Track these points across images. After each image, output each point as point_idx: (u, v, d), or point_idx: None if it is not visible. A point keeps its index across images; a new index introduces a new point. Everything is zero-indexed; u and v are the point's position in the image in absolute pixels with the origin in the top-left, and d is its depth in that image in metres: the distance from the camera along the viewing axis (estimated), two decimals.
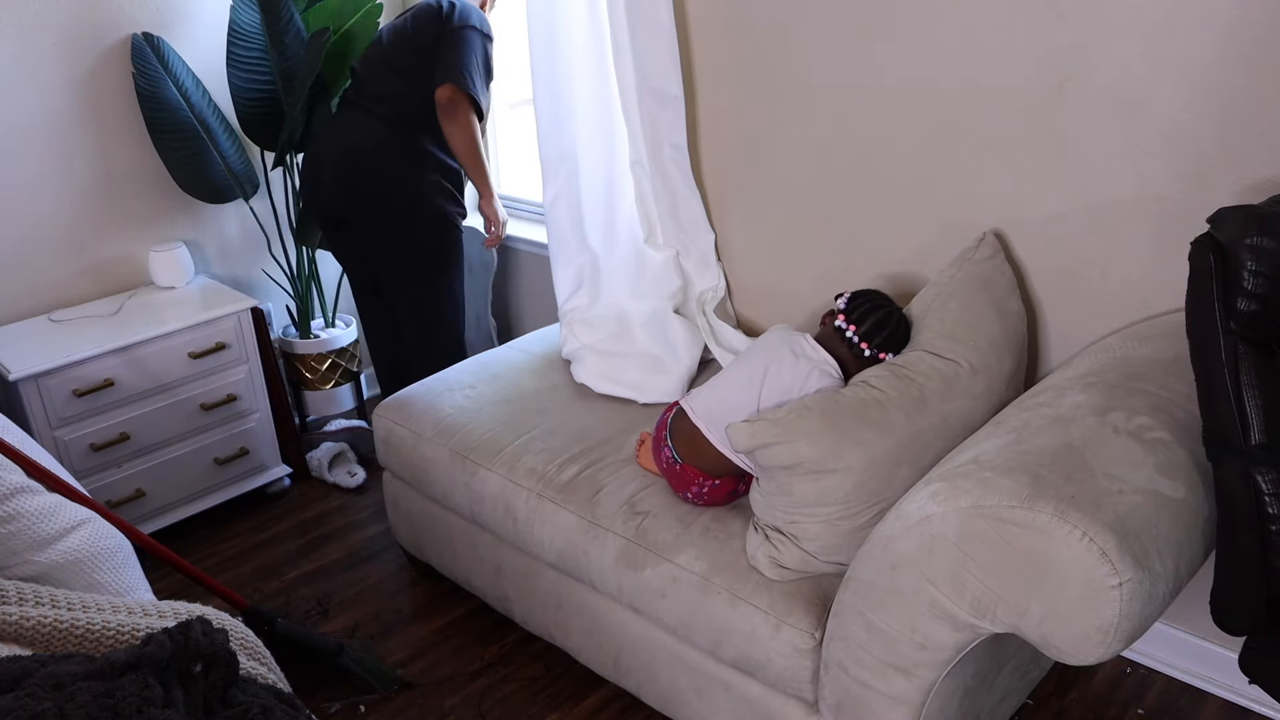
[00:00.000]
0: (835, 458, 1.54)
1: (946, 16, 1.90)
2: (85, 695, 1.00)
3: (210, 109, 2.68)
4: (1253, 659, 1.41)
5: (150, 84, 2.56)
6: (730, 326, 2.40)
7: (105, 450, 2.44)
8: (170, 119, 2.60)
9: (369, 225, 2.58)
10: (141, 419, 2.49)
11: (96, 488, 2.46)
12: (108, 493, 2.48)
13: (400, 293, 2.67)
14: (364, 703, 2.06)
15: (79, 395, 2.36)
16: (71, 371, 2.35)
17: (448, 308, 2.68)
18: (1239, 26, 1.59)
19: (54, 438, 2.37)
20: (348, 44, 2.72)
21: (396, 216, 2.54)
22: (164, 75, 2.58)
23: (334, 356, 2.98)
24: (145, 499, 2.54)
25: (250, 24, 2.61)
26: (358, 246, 2.68)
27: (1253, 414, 1.30)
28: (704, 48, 2.31)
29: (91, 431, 2.42)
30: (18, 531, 1.51)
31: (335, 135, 2.55)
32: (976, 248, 1.93)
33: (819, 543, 1.59)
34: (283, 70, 2.65)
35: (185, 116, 2.62)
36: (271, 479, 2.80)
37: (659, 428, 1.89)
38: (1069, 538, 1.24)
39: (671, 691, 1.84)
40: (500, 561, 2.11)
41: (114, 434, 2.45)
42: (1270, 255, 1.28)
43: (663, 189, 2.40)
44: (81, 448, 2.41)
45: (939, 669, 1.44)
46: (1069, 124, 1.82)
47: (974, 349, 1.76)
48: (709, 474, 1.79)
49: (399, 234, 2.57)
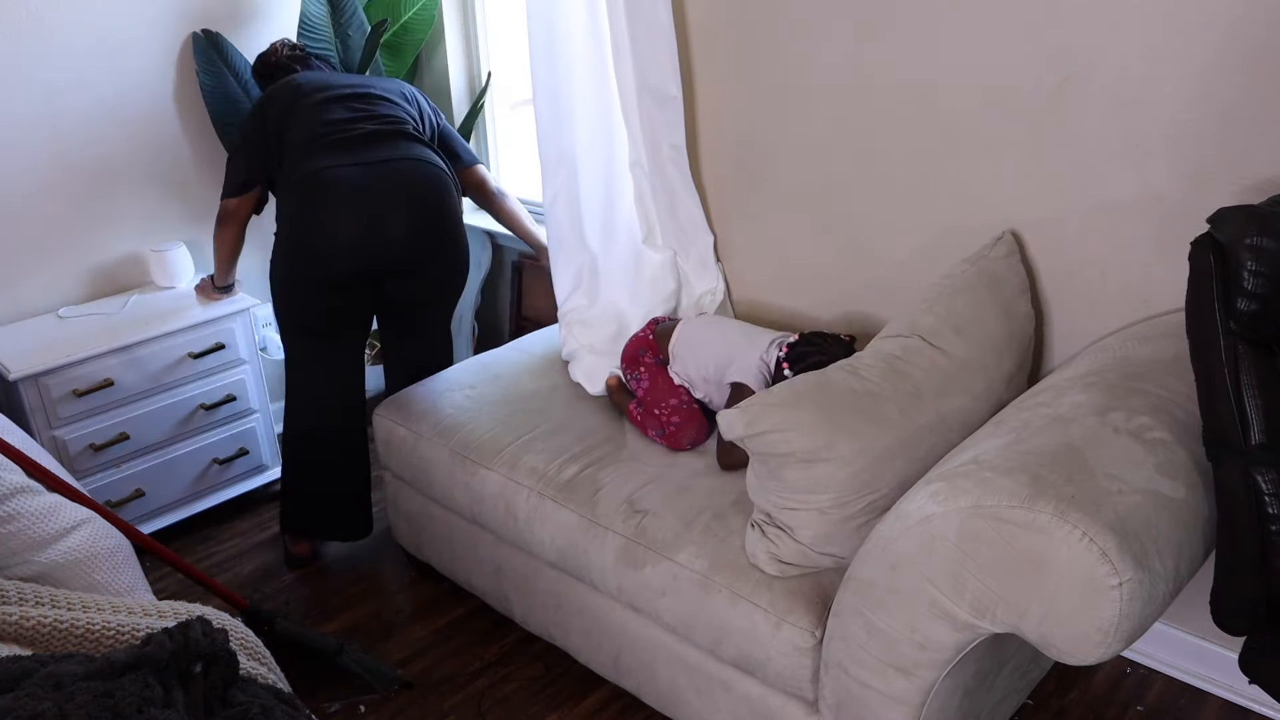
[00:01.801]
0: (828, 449, 1.54)
1: (946, 16, 1.90)
2: (85, 695, 1.00)
3: None
4: (1253, 659, 1.41)
5: (212, 79, 2.66)
6: None
7: (105, 450, 2.44)
8: (231, 111, 2.69)
9: (435, 273, 2.28)
10: (141, 419, 2.49)
11: (96, 488, 2.46)
12: (108, 493, 2.48)
13: (432, 325, 2.44)
14: (364, 703, 2.06)
15: (79, 395, 2.36)
16: (71, 371, 2.35)
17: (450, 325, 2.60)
18: (1239, 26, 1.59)
19: (54, 437, 2.37)
20: (405, 35, 2.85)
21: (461, 253, 2.32)
22: (224, 70, 2.68)
23: (373, 338, 3.07)
24: (145, 499, 2.55)
25: (318, 16, 2.71)
26: (395, 296, 2.28)
27: (1253, 414, 1.30)
28: (703, 48, 2.31)
29: (91, 431, 2.42)
30: (18, 531, 1.51)
31: (387, 170, 2.16)
32: (993, 246, 1.93)
33: (812, 532, 1.59)
34: (344, 60, 2.76)
35: (245, 108, 2.70)
36: (272, 479, 2.80)
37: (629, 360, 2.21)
38: (1069, 538, 1.24)
39: (671, 691, 1.84)
40: (500, 561, 2.11)
41: (114, 434, 2.45)
42: (1270, 255, 1.28)
43: (662, 189, 2.40)
44: (81, 448, 2.41)
45: (939, 669, 1.44)
46: (1069, 124, 1.82)
47: (974, 344, 1.76)
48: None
49: (456, 271, 2.34)
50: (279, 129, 2.24)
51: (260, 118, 2.28)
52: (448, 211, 2.25)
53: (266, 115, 2.27)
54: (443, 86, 3.09)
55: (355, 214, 2.13)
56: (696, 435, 2.05)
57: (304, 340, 2.29)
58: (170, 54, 2.65)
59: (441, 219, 2.23)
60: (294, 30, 2.82)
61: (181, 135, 2.73)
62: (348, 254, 2.14)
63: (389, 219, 2.15)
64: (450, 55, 3.04)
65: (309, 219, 2.14)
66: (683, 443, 2.03)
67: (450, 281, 2.36)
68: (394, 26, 2.83)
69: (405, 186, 2.18)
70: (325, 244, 2.14)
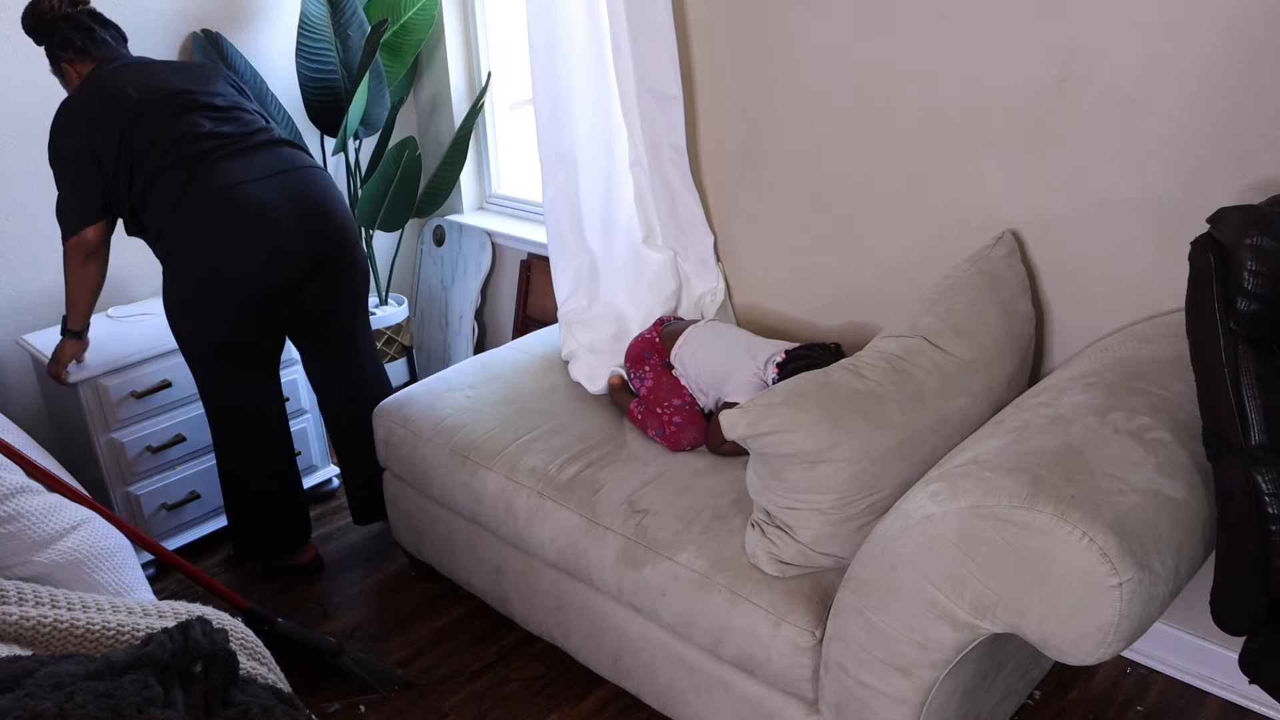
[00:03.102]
0: (830, 450, 1.54)
1: (946, 17, 1.90)
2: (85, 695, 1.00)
3: (270, 101, 2.77)
4: (1253, 659, 1.41)
5: None
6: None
7: (161, 452, 2.43)
8: None
9: (350, 274, 2.26)
10: (197, 420, 2.48)
11: (151, 491, 2.43)
12: (162, 496, 2.45)
13: (360, 331, 2.39)
14: (364, 703, 2.06)
15: (137, 397, 2.35)
16: (130, 373, 2.33)
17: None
18: (1239, 26, 1.59)
19: (111, 440, 2.34)
20: (405, 35, 2.85)
21: (362, 250, 2.32)
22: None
23: (389, 333, 3.13)
24: (200, 501, 2.53)
25: (318, 16, 2.71)
26: (330, 296, 2.26)
27: (1253, 414, 1.30)
28: (703, 48, 2.31)
29: (149, 434, 2.40)
30: (18, 531, 1.51)
31: (286, 177, 2.14)
32: (994, 245, 1.93)
33: (813, 533, 1.59)
34: (344, 61, 2.77)
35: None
36: (321, 479, 2.79)
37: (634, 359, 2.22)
38: (1069, 538, 1.24)
39: (671, 691, 1.84)
40: (500, 561, 2.11)
41: (169, 436, 2.43)
42: (1270, 255, 1.28)
43: (662, 189, 2.40)
44: (138, 450, 2.39)
45: (939, 669, 1.44)
46: (1069, 124, 1.82)
47: (975, 344, 1.76)
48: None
49: (363, 270, 2.33)
50: (115, 144, 2.05)
51: (80, 133, 2.05)
52: (347, 212, 2.23)
53: (91, 132, 2.05)
54: (443, 86, 3.09)
55: (274, 229, 2.07)
56: (696, 437, 2.05)
57: (220, 367, 2.18)
58: (170, 54, 2.66)
59: (346, 220, 2.22)
60: (294, 30, 2.82)
61: None
62: (269, 270, 2.09)
63: (305, 230, 2.11)
64: (450, 55, 3.04)
65: (228, 238, 2.04)
66: (682, 443, 2.03)
67: (363, 280, 2.31)
68: (394, 26, 2.84)
69: (313, 196, 2.14)
70: (247, 263, 2.06)
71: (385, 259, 3.27)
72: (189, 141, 2.06)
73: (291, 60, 2.88)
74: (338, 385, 2.38)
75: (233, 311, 2.10)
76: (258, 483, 2.31)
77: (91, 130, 2.05)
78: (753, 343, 2.10)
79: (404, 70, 2.93)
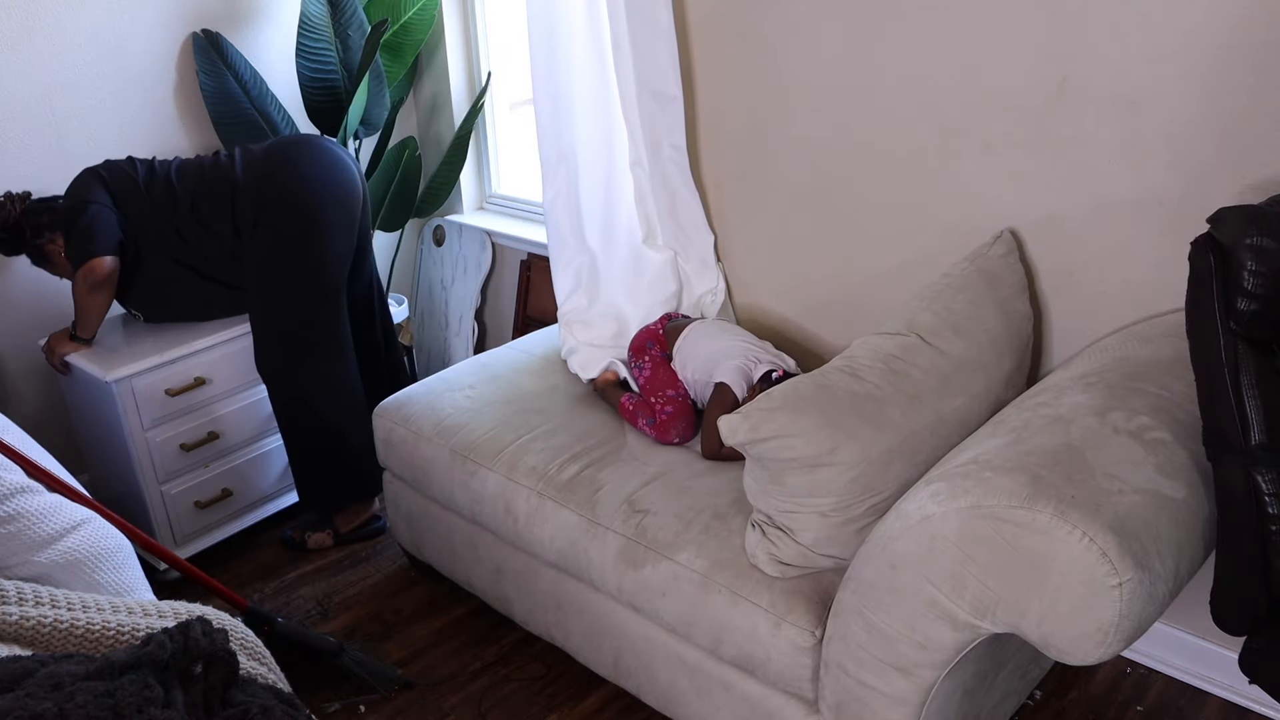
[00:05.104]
0: (831, 454, 1.54)
1: (946, 17, 1.90)
2: (85, 695, 1.00)
3: (270, 101, 2.78)
4: (1253, 659, 1.41)
5: (212, 79, 2.68)
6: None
7: (195, 450, 2.43)
8: (232, 111, 2.71)
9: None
10: (229, 417, 2.48)
11: (184, 489, 2.43)
12: (195, 494, 2.45)
13: (383, 306, 2.72)
14: (364, 703, 2.06)
15: (171, 395, 2.35)
16: (163, 371, 2.33)
17: None
18: (1239, 26, 1.59)
19: (146, 439, 2.34)
20: (405, 35, 2.85)
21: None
22: (224, 70, 2.70)
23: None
24: (232, 498, 2.53)
25: (318, 16, 2.72)
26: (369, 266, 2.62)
27: (1253, 414, 1.30)
28: (703, 48, 2.31)
29: (182, 431, 2.40)
30: (18, 531, 1.51)
31: (330, 156, 2.42)
32: (992, 244, 1.93)
33: (813, 535, 1.59)
34: (344, 61, 2.77)
35: (246, 108, 2.72)
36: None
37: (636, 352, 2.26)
38: (1069, 538, 1.24)
39: (671, 691, 1.84)
40: (500, 561, 2.11)
41: (203, 433, 2.43)
42: (1270, 255, 1.28)
43: (662, 189, 2.40)
44: (172, 448, 2.39)
45: (939, 669, 1.44)
46: (1069, 124, 1.82)
47: (972, 343, 1.76)
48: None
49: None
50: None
51: (103, 192, 2.26)
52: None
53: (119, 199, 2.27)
54: (443, 86, 3.09)
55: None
56: (684, 430, 2.06)
57: (323, 309, 2.37)
58: (170, 54, 2.65)
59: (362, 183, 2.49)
60: (294, 30, 2.81)
61: (182, 135, 2.73)
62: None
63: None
64: (450, 55, 3.04)
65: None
66: (670, 435, 2.04)
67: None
68: (394, 26, 2.83)
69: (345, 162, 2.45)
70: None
71: (385, 259, 3.27)
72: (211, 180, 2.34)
73: (291, 60, 2.88)
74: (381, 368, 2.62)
75: (335, 230, 2.38)
76: (347, 426, 2.46)
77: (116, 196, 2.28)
78: (753, 344, 2.10)
79: (404, 70, 2.92)
